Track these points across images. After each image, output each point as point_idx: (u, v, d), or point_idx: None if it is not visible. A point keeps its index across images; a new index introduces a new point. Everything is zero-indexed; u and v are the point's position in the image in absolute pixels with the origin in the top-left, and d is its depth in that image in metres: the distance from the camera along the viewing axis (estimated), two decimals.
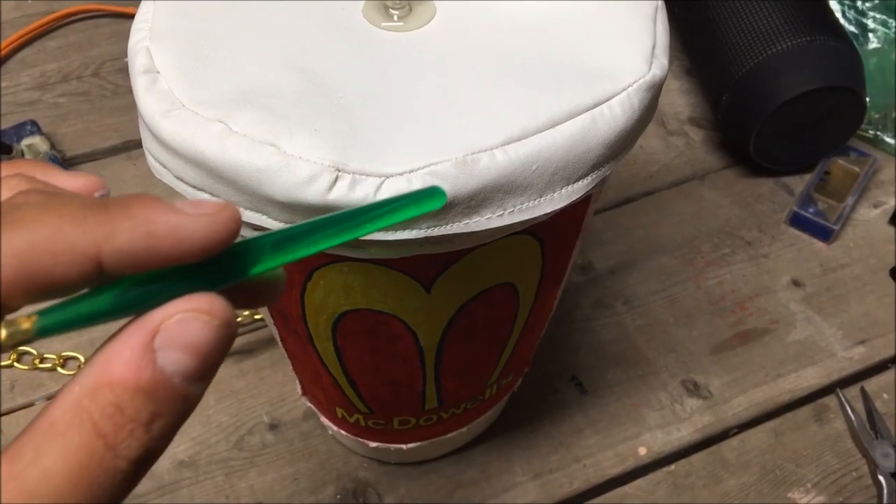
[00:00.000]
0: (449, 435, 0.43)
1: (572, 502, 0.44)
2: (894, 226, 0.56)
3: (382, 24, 0.30)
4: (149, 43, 0.28)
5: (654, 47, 0.29)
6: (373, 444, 0.43)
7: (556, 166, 0.26)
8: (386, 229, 0.26)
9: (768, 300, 0.52)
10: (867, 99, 0.60)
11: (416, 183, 0.25)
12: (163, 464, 0.44)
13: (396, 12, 0.30)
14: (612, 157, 0.28)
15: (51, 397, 0.31)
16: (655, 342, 0.50)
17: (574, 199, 0.28)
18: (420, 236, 0.26)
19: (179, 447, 0.45)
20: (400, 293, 0.30)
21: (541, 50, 0.29)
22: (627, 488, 0.45)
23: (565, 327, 0.51)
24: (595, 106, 0.27)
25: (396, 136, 0.26)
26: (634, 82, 0.28)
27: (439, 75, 0.28)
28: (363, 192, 0.25)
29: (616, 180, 0.58)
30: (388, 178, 0.25)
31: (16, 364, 0.47)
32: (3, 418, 0.45)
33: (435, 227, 0.26)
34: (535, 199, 0.27)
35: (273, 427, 0.46)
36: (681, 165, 0.60)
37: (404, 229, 0.26)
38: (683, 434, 0.47)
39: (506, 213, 0.27)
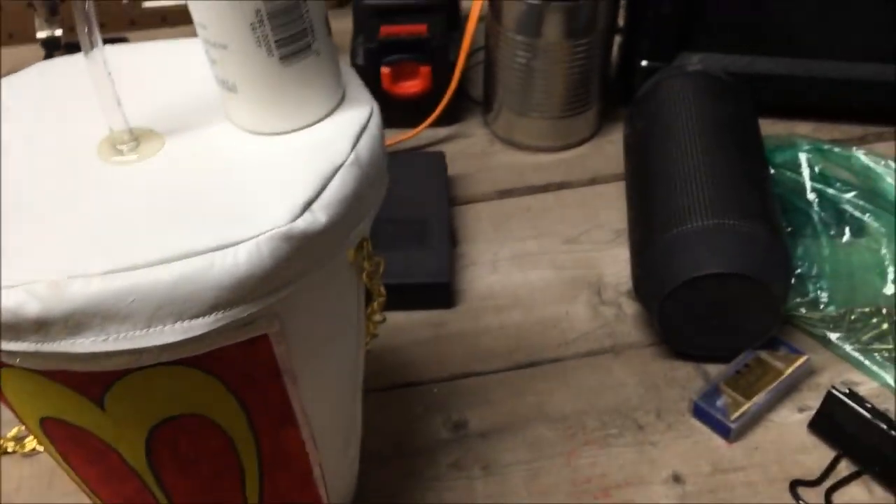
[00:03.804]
0: None
1: None
2: (813, 432, 0.50)
3: (112, 158, 0.33)
4: None
5: (311, 201, 0.30)
6: None
7: (161, 301, 0.28)
8: None
9: (638, 491, 0.48)
10: (828, 295, 0.56)
11: (10, 298, 0.27)
12: None
13: (123, 147, 0.33)
14: (241, 300, 0.29)
15: None
16: None
17: (191, 335, 0.28)
18: (28, 349, 0.28)
19: None
20: (74, 406, 0.32)
21: (212, 189, 0.31)
22: None
23: (407, 483, 0.49)
24: (218, 248, 0.28)
25: (30, 251, 0.28)
26: (267, 231, 0.29)
27: (116, 204, 0.30)
28: None
29: (527, 343, 0.57)
30: None
31: None
32: None
33: (40, 342, 0.28)
34: (140, 330, 0.28)
35: None
36: (601, 337, 0.57)
37: (12, 340, 0.28)
38: None
39: (109, 338, 0.28)
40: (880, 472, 0.48)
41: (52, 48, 0.75)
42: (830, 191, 0.63)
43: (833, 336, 0.55)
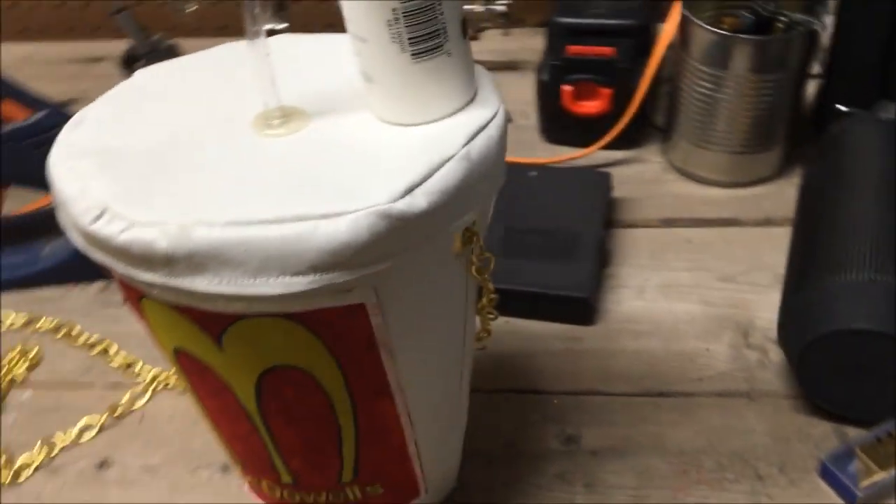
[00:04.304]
0: None
1: None
2: None
3: (263, 130, 0.37)
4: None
5: (414, 186, 0.32)
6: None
7: (268, 255, 0.31)
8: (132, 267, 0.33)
9: None
10: None
11: (145, 232, 0.32)
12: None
13: (273, 121, 0.37)
14: (338, 267, 0.32)
15: None
16: None
17: (291, 290, 0.32)
18: (158, 282, 0.32)
19: (154, 454, 0.54)
20: (199, 341, 0.36)
21: (334, 165, 0.34)
22: None
23: (510, 485, 0.50)
24: (323, 217, 0.31)
25: (170, 199, 0.33)
26: (368, 207, 0.31)
27: (253, 169, 0.34)
28: (113, 229, 0.32)
29: (659, 372, 0.56)
30: (133, 225, 0.32)
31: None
32: None
33: (167, 276, 0.32)
34: (249, 279, 0.32)
35: (225, 469, 0.53)
36: (739, 379, 0.55)
37: (146, 271, 0.33)
38: None
39: (223, 282, 0.32)
40: None
41: None
42: None
43: None
